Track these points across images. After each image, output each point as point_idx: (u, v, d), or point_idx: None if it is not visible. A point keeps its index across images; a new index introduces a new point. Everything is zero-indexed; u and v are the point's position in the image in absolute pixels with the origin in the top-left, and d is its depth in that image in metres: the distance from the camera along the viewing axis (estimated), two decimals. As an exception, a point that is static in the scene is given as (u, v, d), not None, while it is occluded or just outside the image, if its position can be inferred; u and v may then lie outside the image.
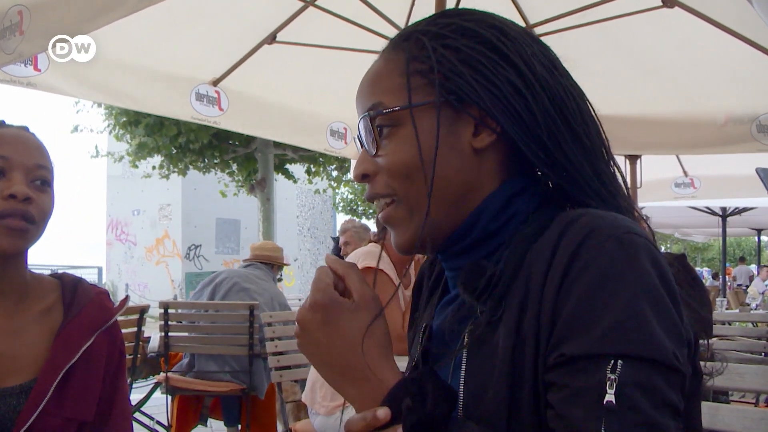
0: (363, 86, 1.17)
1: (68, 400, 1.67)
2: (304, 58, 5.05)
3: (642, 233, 0.98)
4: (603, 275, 0.93)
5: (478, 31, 1.11)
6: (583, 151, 1.09)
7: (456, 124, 1.10)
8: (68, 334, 1.72)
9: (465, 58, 1.09)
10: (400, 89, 1.11)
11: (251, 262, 6.24)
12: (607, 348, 0.90)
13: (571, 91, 1.12)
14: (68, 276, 1.87)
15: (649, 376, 0.89)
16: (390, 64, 1.15)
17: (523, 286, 1.00)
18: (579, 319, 0.93)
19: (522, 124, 1.07)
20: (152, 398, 5.91)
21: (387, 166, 1.12)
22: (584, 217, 1.00)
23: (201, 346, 5.67)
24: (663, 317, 0.92)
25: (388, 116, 1.11)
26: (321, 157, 16.35)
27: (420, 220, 1.10)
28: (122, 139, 15.31)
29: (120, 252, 29.72)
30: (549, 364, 0.95)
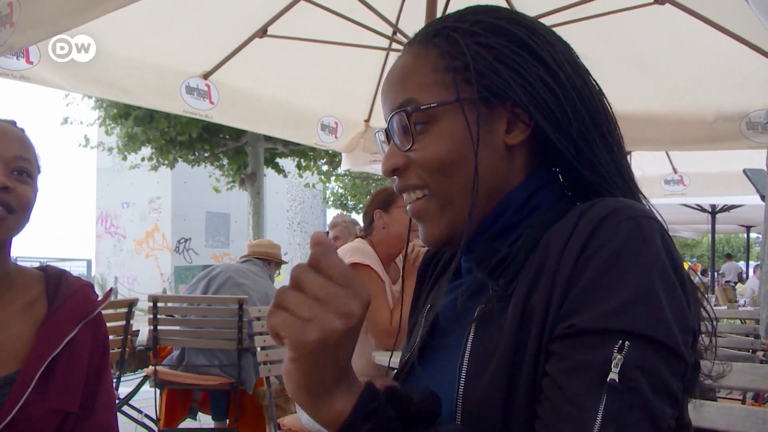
0: (392, 82, 1.18)
1: (52, 391, 1.67)
2: (295, 52, 5.04)
3: (658, 220, 1.00)
4: (618, 252, 0.95)
5: (509, 29, 1.12)
6: (607, 148, 1.12)
7: (490, 121, 1.12)
8: (52, 326, 1.72)
9: (499, 56, 1.10)
10: (435, 85, 1.12)
11: (248, 258, 6.23)
12: (616, 323, 0.91)
13: (594, 89, 1.15)
14: (52, 268, 1.87)
15: (653, 360, 0.90)
16: (420, 60, 1.15)
17: (537, 265, 1.02)
18: (591, 292, 0.94)
19: (555, 121, 1.09)
20: (141, 392, 5.89)
21: (421, 160, 1.13)
22: (604, 201, 1.02)
23: (190, 339, 5.65)
24: (673, 301, 0.94)
25: (424, 112, 1.11)
26: (311, 152, 16.35)
27: (451, 215, 1.13)
28: (112, 131, 15.28)
29: (109, 245, 29.68)
30: (555, 334, 0.96)
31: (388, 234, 3.89)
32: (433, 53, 1.14)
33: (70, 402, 1.71)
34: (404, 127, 1.13)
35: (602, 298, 0.93)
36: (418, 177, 1.14)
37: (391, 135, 1.16)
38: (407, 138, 1.13)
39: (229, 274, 5.85)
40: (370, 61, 5.35)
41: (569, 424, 0.90)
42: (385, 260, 3.89)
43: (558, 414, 0.91)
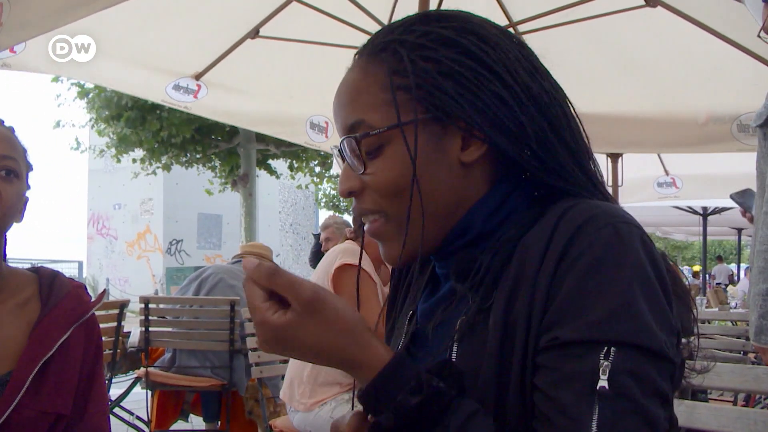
0: (341, 99, 1.14)
1: (44, 394, 1.67)
2: (287, 54, 5.03)
3: (637, 224, 0.99)
4: (598, 261, 0.94)
5: (457, 41, 1.08)
6: (570, 154, 1.10)
7: (443, 139, 1.08)
8: (45, 327, 1.71)
9: (447, 71, 1.06)
10: (384, 105, 1.08)
11: (240, 258, 6.21)
12: (600, 335, 0.91)
13: (554, 93, 1.12)
14: (45, 269, 1.86)
15: (640, 364, 0.91)
16: (369, 77, 1.11)
17: (516, 270, 1.01)
18: (573, 303, 0.94)
19: (510, 135, 1.06)
20: (132, 393, 5.88)
21: (375, 185, 1.10)
22: (582, 204, 1.01)
23: (182, 341, 5.64)
24: (655, 306, 0.94)
25: (375, 136, 1.08)
26: (303, 153, 16.35)
27: (414, 234, 1.09)
28: (104, 133, 15.25)
29: (101, 246, 29.61)
30: (540, 346, 0.95)
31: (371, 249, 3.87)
32: (380, 70, 1.10)
33: (62, 404, 1.70)
34: (355, 151, 1.10)
35: (584, 309, 0.93)
36: (373, 201, 1.11)
37: (344, 156, 1.13)
38: (359, 162, 1.10)
39: (221, 275, 5.83)
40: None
41: None
42: (375, 262, 3.89)
43: (552, 427, 0.91)
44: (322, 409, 3.50)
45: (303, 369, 3.60)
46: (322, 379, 3.54)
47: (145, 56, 4.73)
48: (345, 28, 4.44)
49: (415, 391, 0.91)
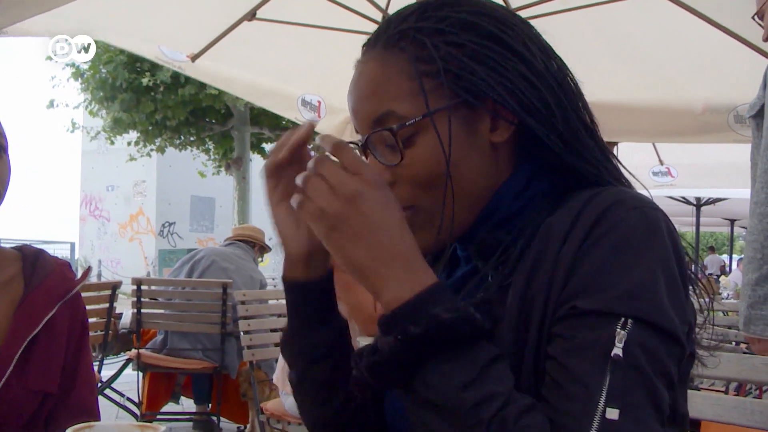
0: (361, 92, 1.12)
1: (31, 372, 1.65)
2: (284, 36, 5.01)
3: (663, 211, 1.00)
4: (624, 241, 0.95)
5: (477, 23, 1.07)
6: (590, 135, 1.11)
7: (474, 122, 1.08)
8: (30, 306, 1.70)
9: (473, 54, 1.06)
10: (411, 94, 1.06)
11: (232, 240, 6.20)
12: (619, 308, 0.92)
13: (565, 71, 1.12)
14: (29, 248, 1.84)
15: (654, 342, 0.91)
16: (389, 67, 1.09)
17: (538, 249, 1.01)
18: (595, 278, 0.94)
19: (539, 114, 1.06)
20: (123, 375, 5.88)
21: (411, 176, 1.08)
22: (609, 190, 1.02)
23: (173, 323, 5.64)
24: (673, 292, 0.95)
25: (409, 126, 1.06)
26: (298, 137, 16.31)
27: (446, 222, 1.08)
28: (98, 114, 15.20)
29: (93, 228, 29.55)
30: (557, 316, 0.95)
31: None
32: (402, 59, 1.08)
33: (49, 383, 1.69)
34: (389, 144, 1.08)
35: (606, 283, 0.93)
36: (408, 196, 1.08)
37: (371, 151, 1.10)
38: (394, 155, 1.07)
39: (213, 258, 5.83)
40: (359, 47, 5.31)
41: (575, 403, 0.89)
42: None
43: (563, 393, 0.91)
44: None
45: None
46: None
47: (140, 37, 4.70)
48: (342, 11, 4.43)
49: (451, 310, 0.90)
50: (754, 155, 2.66)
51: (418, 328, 0.89)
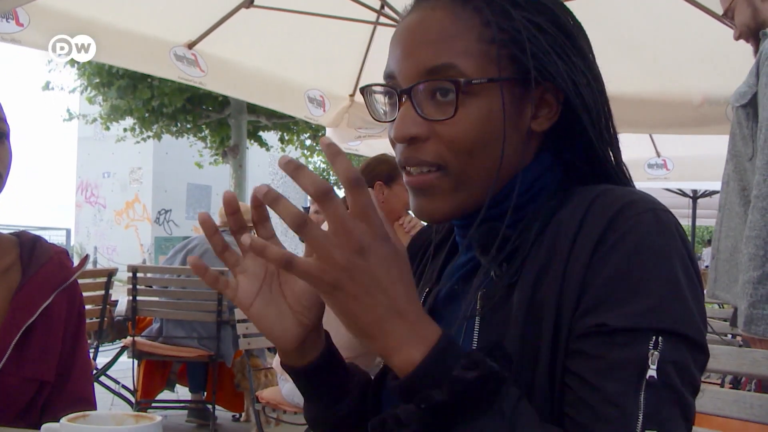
0: (423, 37, 1.05)
1: (27, 360, 1.65)
2: (282, 24, 5.00)
3: (671, 212, 0.98)
4: (641, 245, 0.93)
5: (553, 11, 1.07)
6: (616, 140, 1.12)
7: (522, 103, 1.06)
8: (27, 293, 1.69)
9: (550, 41, 1.04)
10: (479, 55, 1.03)
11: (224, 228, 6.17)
12: (650, 322, 0.90)
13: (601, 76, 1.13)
14: (26, 234, 1.83)
15: (682, 354, 0.90)
16: (461, 22, 1.04)
17: (545, 252, 0.99)
18: (618, 287, 0.92)
19: (589, 111, 1.06)
20: (118, 362, 5.88)
21: (451, 136, 1.03)
22: (617, 190, 1.01)
23: (169, 311, 5.64)
24: (694, 294, 0.94)
25: (468, 84, 1.01)
26: (294, 125, 16.30)
27: (464, 194, 1.06)
28: (94, 101, 15.17)
29: (89, 214, 29.56)
30: (581, 331, 0.93)
31: (384, 208, 3.82)
32: (477, 18, 1.04)
33: (45, 371, 1.68)
34: (441, 95, 1.03)
35: (631, 295, 0.91)
36: (437, 154, 1.04)
37: (411, 98, 1.04)
38: (442, 109, 1.03)
39: (207, 246, 5.81)
40: (357, 36, 5.31)
41: (610, 425, 0.88)
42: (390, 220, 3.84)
43: (596, 415, 0.89)
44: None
45: None
46: None
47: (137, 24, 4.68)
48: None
49: (470, 367, 0.86)
50: (738, 146, 2.66)
51: (442, 395, 0.85)
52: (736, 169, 2.68)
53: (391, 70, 1.08)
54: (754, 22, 2.75)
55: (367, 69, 5.46)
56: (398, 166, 1.10)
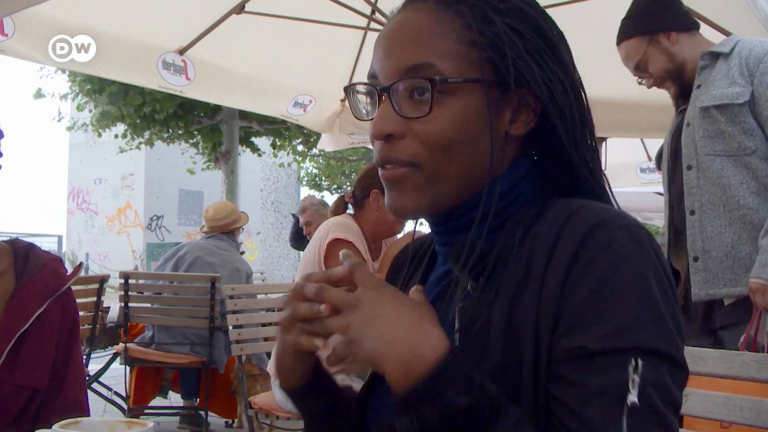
0: (404, 37, 1.08)
1: (20, 368, 1.64)
2: (273, 30, 5.00)
3: (645, 228, 0.99)
4: (617, 263, 0.93)
5: (534, 18, 1.09)
6: (595, 149, 1.12)
7: (499, 107, 1.08)
8: (20, 300, 1.69)
9: (528, 47, 1.06)
10: (458, 56, 1.05)
11: (212, 233, 6.16)
12: (628, 341, 0.90)
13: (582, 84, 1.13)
14: (20, 242, 1.82)
15: (662, 375, 0.90)
16: (442, 24, 1.07)
17: (522, 269, 0.99)
18: (594, 308, 0.92)
19: (564, 118, 1.07)
20: (110, 369, 5.87)
21: (426, 134, 1.05)
22: (592, 206, 1.01)
23: (161, 317, 5.63)
24: (670, 310, 0.94)
25: (445, 84, 1.04)
26: (286, 131, 16.28)
27: (435, 191, 1.07)
28: (85, 107, 15.15)
29: (81, 221, 29.48)
30: (561, 354, 0.93)
31: (379, 217, 3.82)
32: (458, 21, 1.06)
33: (38, 378, 1.68)
34: (418, 93, 1.06)
35: (608, 314, 0.91)
36: (413, 152, 1.06)
37: (390, 96, 1.07)
38: (418, 107, 1.05)
39: (197, 253, 5.81)
40: (348, 41, 5.32)
41: None
42: (369, 239, 3.85)
43: None
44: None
45: None
46: None
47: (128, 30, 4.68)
48: (332, 5, 4.42)
49: (465, 391, 0.87)
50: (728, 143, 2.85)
51: (433, 415, 0.87)
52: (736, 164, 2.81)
53: (374, 70, 1.11)
54: (673, 64, 3.04)
55: (358, 74, 5.46)
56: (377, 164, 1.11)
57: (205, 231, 6.20)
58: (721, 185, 2.82)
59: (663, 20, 3.05)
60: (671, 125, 3.24)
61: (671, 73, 3.05)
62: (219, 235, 6.07)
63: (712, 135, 2.86)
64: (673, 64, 3.03)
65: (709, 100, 2.87)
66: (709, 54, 2.96)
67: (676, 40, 3.02)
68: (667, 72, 3.05)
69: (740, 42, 2.92)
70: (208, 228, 6.13)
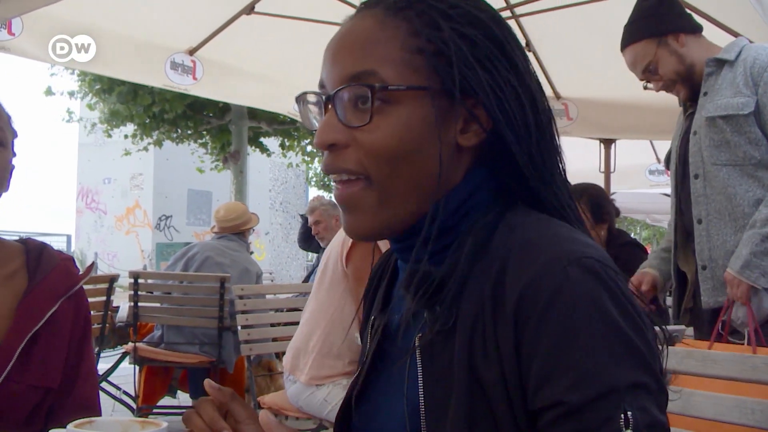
0: (347, 44, 1.06)
1: (33, 367, 1.65)
2: (283, 30, 5.01)
3: (596, 255, 0.94)
4: (573, 306, 0.89)
5: (488, 25, 1.04)
6: (557, 158, 1.08)
7: (448, 116, 1.03)
8: (33, 300, 1.69)
9: (477, 53, 1.02)
10: (402, 64, 1.02)
11: (222, 234, 6.16)
12: (608, 382, 0.86)
13: (543, 96, 1.08)
14: (33, 241, 1.83)
15: (650, 411, 0.87)
16: (387, 30, 1.03)
17: (475, 302, 0.97)
18: (562, 357, 0.88)
19: (515, 128, 1.02)
20: (119, 368, 5.88)
21: (369, 144, 1.01)
22: (542, 230, 0.98)
23: (170, 317, 5.63)
24: (640, 336, 0.91)
25: (386, 92, 1.01)
26: (295, 131, 16.30)
27: (390, 211, 1.04)
28: (95, 107, 15.18)
29: (90, 220, 29.53)
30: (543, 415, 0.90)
31: None
32: (404, 28, 1.03)
33: (50, 378, 1.69)
34: (361, 102, 1.02)
35: (578, 361, 0.87)
36: (358, 162, 1.03)
37: (334, 104, 1.03)
38: (360, 115, 1.01)
39: (208, 253, 5.81)
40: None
41: None
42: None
43: None
44: (319, 390, 3.49)
45: (308, 339, 3.59)
46: (326, 350, 3.53)
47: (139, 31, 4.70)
48: (342, 5, 4.42)
49: None
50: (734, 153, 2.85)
51: None
52: (741, 174, 2.83)
53: (322, 78, 1.08)
54: (683, 66, 3.01)
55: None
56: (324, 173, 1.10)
57: (215, 231, 6.19)
58: (727, 194, 2.84)
59: (671, 22, 3.03)
60: (679, 128, 3.23)
61: (682, 75, 3.03)
62: (229, 235, 6.07)
63: (718, 144, 2.87)
64: (683, 65, 3.01)
65: (715, 110, 2.87)
66: (714, 60, 2.94)
67: (684, 41, 3.00)
68: (678, 74, 3.03)
69: (745, 48, 2.92)
70: (219, 228, 6.13)
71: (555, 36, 4.96)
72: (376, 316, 1.19)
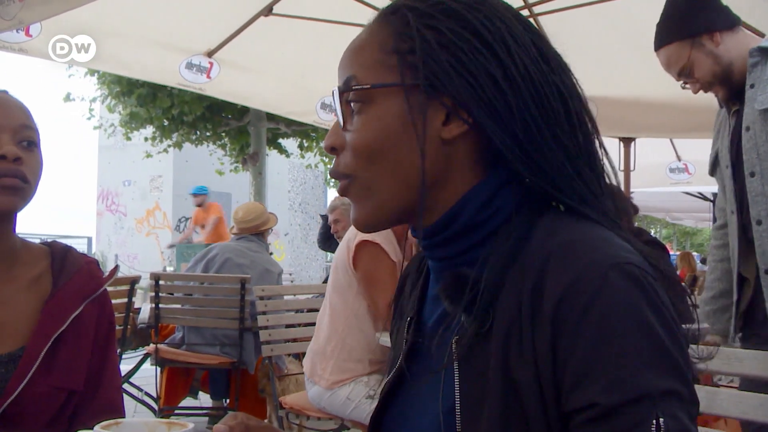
0: (345, 55, 1.13)
1: (57, 369, 1.66)
2: (301, 32, 5.02)
3: (637, 261, 0.94)
4: (612, 309, 0.89)
5: (463, 14, 1.03)
6: (564, 152, 1.03)
7: (427, 110, 1.04)
8: (57, 303, 1.70)
9: (445, 42, 1.02)
10: (377, 65, 1.07)
11: (242, 234, 6.17)
12: (643, 387, 0.86)
13: (561, 88, 1.05)
14: (58, 244, 1.85)
15: (681, 420, 0.87)
16: (373, 37, 1.09)
17: (512, 304, 0.97)
18: (599, 360, 0.89)
19: (497, 117, 1.01)
20: (141, 370, 5.90)
21: (352, 143, 1.08)
22: (575, 246, 0.96)
23: (191, 318, 5.65)
24: (676, 343, 0.91)
25: (360, 92, 1.07)
26: (313, 132, 16.31)
27: (376, 202, 1.08)
28: (114, 110, 15.24)
29: (110, 222, 29.67)
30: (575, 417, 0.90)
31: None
32: (385, 32, 1.08)
33: (74, 380, 1.69)
34: (349, 106, 1.09)
35: (614, 365, 0.88)
36: (346, 164, 1.09)
37: (337, 110, 1.11)
38: (349, 119, 1.09)
39: (227, 255, 5.83)
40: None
41: None
42: (400, 236, 3.83)
43: None
44: (341, 389, 3.50)
45: (326, 344, 3.60)
46: (345, 355, 3.54)
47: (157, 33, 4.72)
48: (360, 6, 4.43)
49: None
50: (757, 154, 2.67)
51: None
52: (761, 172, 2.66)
53: None
54: (720, 67, 2.79)
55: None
56: None
57: (234, 233, 6.20)
58: None
59: (704, 20, 2.80)
60: (724, 128, 2.97)
61: (719, 76, 2.80)
62: (249, 236, 6.07)
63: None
64: (720, 66, 2.78)
65: None
66: (758, 49, 2.69)
67: (720, 40, 2.77)
68: (715, 76, 2.80)
69: None
70: (238, 230, 6.14)
71: (574, 34, 4.95)
72: (411, 316, 1.20)
